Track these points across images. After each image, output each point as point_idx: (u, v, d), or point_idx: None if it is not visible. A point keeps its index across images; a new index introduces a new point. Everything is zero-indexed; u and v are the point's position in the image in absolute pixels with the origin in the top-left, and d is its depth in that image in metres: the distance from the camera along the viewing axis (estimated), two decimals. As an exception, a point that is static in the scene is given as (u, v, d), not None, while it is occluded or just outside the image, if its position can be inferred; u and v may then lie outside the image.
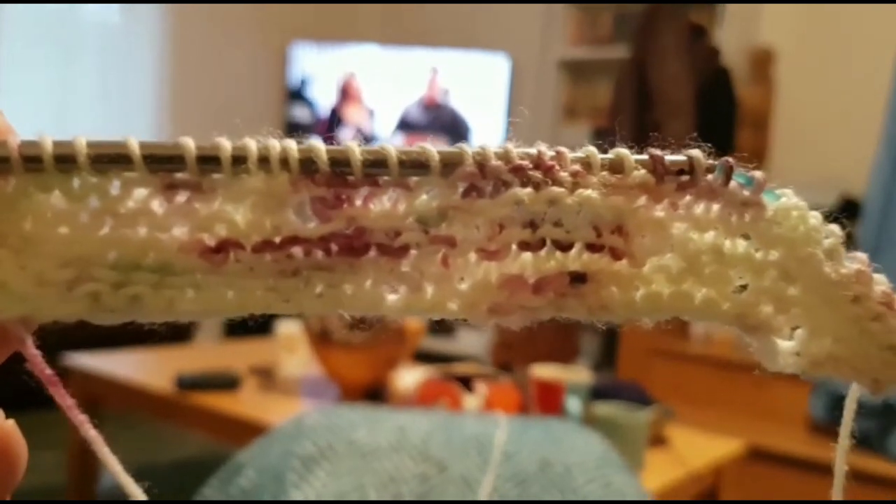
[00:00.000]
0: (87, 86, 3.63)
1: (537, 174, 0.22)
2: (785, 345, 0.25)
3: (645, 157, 0.23)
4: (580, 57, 3.82)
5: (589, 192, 0.23)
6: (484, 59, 4.06)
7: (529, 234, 0.23)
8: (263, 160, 0.21)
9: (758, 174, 0.24)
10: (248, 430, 1.48)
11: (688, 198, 0.24)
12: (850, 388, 0.27)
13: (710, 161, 0.24)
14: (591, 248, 0.23)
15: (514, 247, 0.23)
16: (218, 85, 4.06)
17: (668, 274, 0.24)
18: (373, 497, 0.55)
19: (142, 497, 0.24)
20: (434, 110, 4.12)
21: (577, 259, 0.23)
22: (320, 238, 0.22)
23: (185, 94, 3.90)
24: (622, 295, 0.23)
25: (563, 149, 0.23)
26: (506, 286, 0.23)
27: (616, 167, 0.23)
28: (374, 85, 4.20)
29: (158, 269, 0.21)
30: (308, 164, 0.21)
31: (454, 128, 4.09)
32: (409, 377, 1.86)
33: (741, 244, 0.24)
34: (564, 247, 0.23)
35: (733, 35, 3.30)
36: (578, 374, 1.56)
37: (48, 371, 0.23)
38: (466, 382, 1.56)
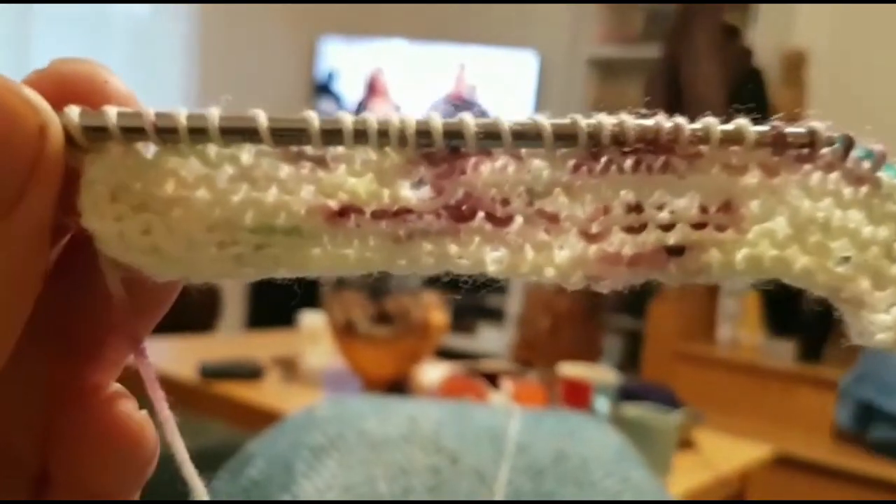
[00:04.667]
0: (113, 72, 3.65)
1: (651, 158, 0.22)
2: (878, 318, 0.24)
3: (765, 128, 0.23)
4: (610, 55, 3.79)
5: (702, 176, 0.23)
6: (512, 55, 4.03)
7: (634, 217, 0.23)
8: (383, 135, 0.22)
9: (879, 148, 0.23)
10: (269, 420, 1.47)
11: (808, 168, 0.23)
12: None
13: (831, 134, 0.23)
14: (695, 226, 0.23)
15: (616, 230, 0.23)
16: (245, 79, 4.07)
17: (773, 238, 0.23)
18: (383, 489, 0.54)
19: (203, 492, 0.24)
20: (461, 107, 4.08)
21: (679, 236, 0.23)
22: (432, 208, 0.23)
23: (213, 89, 3.91)
24: (723, 256, 0.23)
25: (681, 122, 0.22)
26: (603, 261, 0.23)
27: (734, 141, 0.23)
28: (401, 80, 4.19)
29: (290, 232, 0.22)
30: (424, 139, 0.22)
31: (480, 125, 4.07)
32: (432, 372, 1.84)
33: (852, 217, 0.23)
34: (667, 227, 0.23)
35: (767, 36, 3.26)
36: (606, 374, 1.54)
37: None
38: (492, 379, 1.54)
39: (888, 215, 0.23)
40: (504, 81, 4.04)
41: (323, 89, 4.24)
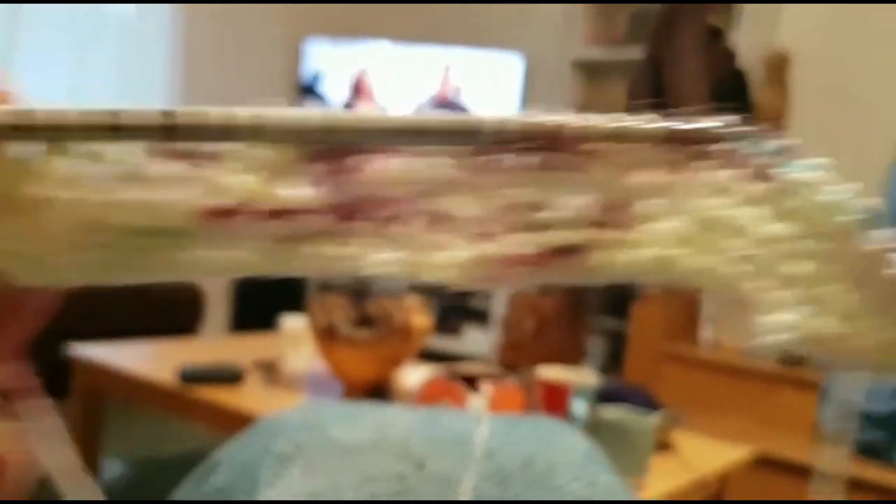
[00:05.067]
0: (101, 80, 3.64)
1: (549, 153, 0.22)
2: (780, 319, 0.23)
3: (660, 125, 0.22)
4: (595, 57, 3.80)
5: (598, 171, 0.22)
6: (497, 57, 4.03)
7: (526, 215, 0.23)
8: (274, 132, 0.21)
9: (780, 143, 0.23)
10: (250, 425, 1.47)
11: (705, 165, 0.23)
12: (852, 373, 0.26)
13: (730, 129, 0.23)
14: (592, 223, 0.23)
15: (511, 229, 0.23)
16: (230, 79, 4.06)
17: (677, 236, 0.23)
18: (349, 496, 0.53)
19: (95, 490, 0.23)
20: (446, 108, 4.10)
21: (575, 234, 0.23)
22: (322, 207, 0.22)
23: (198, 89, 3.90)
24: (604, 258, 0.23)
25: (574, 120, 0.22)
26: (499, 261, 0.23)
27: (632, 137, 0.22)
28: (387, 81, 4.18)
29: (169, 232, 0.21)
30: (316, 135, 0.22)
31: (466, 126, 4.08)
32: (413, 376, 1.84)
33: (752, 214, 0.23)
34: (562, 225, 0.23)
35: (750, 38, 3.28)
36: (585, 377, 1.54)
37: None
38: (472, 382, 1.54)
39: (791, 212, 0.23)
40: (490, 83, 4.04)
41: (308, 90, 4.23)
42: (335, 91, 4.22)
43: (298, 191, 0.22)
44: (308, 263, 0.22)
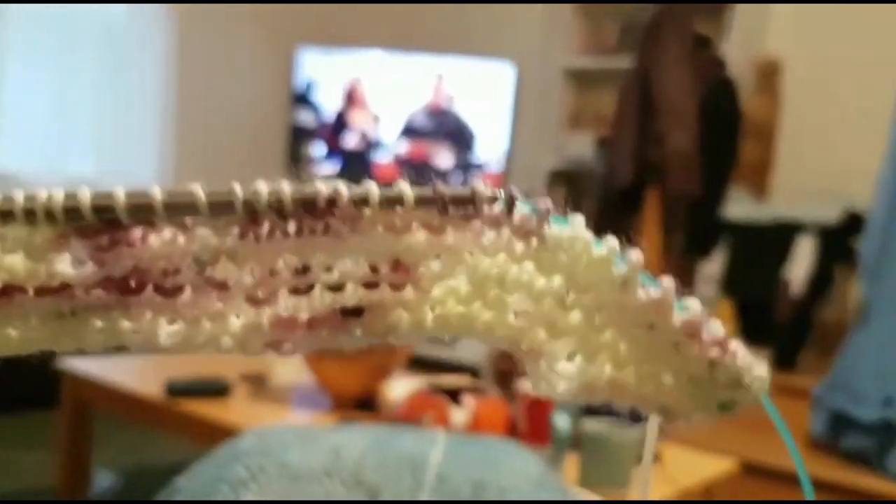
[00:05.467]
0: (91, 88, 3.64)
1: (311, 222, 0.23)
2: (557, 369, 0.24)
3: (427, 190, 0.23)
4: (585, 66, 3.81)
5: (360, 238, 0.23)
6: (489, 66, 4.04)
7: (300, 279, 0.23)
8: (29, 213, 0.21)
9: (542, 204, 0.24)
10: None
11: (476, 225, 0.24)
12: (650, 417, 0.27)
13: (494, 191, 0.24)
14: (367, 285, 0.23)
15: (283, 292, 0.23)
16: (223, 88, 4.06)
17: (458, 296, 0.24)
18: None
19: None
20: (439, 117, 4.11)
21: (352, 296, 0.23)
22: (96, 282, 0.22)
23: (191, 98, 3.90)
24: (410, 316, 0.24)
25: (341, 188, 0.23)
26: (278, 326, 0.23)
27: (396, 202, 0.23)
28: (380, 90, 4.19)
29: None
30: (73, 214, 0.22)
31: (459, 134, 4.08)
32: (399, 388, 1.84)
33: (525, 270, 0.24)
34: (337, 288, 0.23)
35: (739, 45, 3.28)
36: (569, 389, 1.54)
37: None
38: (454, 395, 1.54)
39: (557, 266, 0.24)
40: (482, 91, 4.05)
41: (301, 99, 4.24)
42: (328, 100, 4.22)
43: (72, 267, 0.22)
44: (100, 337, 0.22)
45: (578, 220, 0.24)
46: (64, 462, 1.95)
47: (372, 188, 0.23)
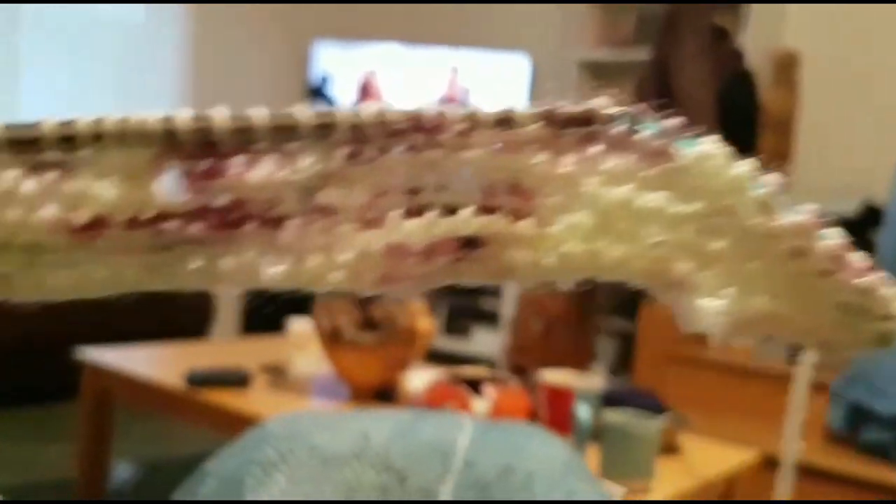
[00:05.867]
0: (108, 83, 3.65)
1: (419, 136, 0.21)
2: (709, 303, 0.22)
3: (537, 109, 0.22)
4: (601, 58, 3.79)
5: (473, 152, 0.21)
6: (504, 58, 4.03)
7: (412, 199, 0.22)
8: (122, 136, 0.20)
9: (670, 122, 0.22)
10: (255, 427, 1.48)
11: (597, 150, 0.22)
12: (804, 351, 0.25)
13: (614, 110, 0.22)
14: (484, 210, 0.22)
15: (395, 214, 0.22)
16: (238, 82, 4.07)
17: (581, 232, 0.22)
18: None
19: None
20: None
21: (468, 222, 0.22)
22: (194, 212, 0.21)
23: (206, 92, 3.91)
24: (529, 256, 0.22)
25: (447, 108, 0.21)
26: (392, 255, 0.22)
27: (505, 122, 0.22)
28: (395, 83, 4.19)
29: (28, 249, 0.20)
30: (170, 136, 0.20)
31: (474, 127, 4.08)
32: (418, 379, 1.85)
33: (657, 197, 0.22)
34: (452, 211, 0.22)
35: (757, 38, 3.26)
36: (589, 381, 1.54)
37: None
38: (476, 386, 1.55)
39: (693, 189, 0.22)
40: (497, 84, 4.04)
41: (316, 93, 4.24)
42: (343, 93, 4.23)
43: (169, 193, 0.21)
44: (196, 276, 0.21)
45: (711, 139, 0.22)
46: (84, 454, 1.97)
47: (478, 109, 0.22)
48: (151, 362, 2.06)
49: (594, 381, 1.54)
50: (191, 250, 0.21)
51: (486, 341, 3.88)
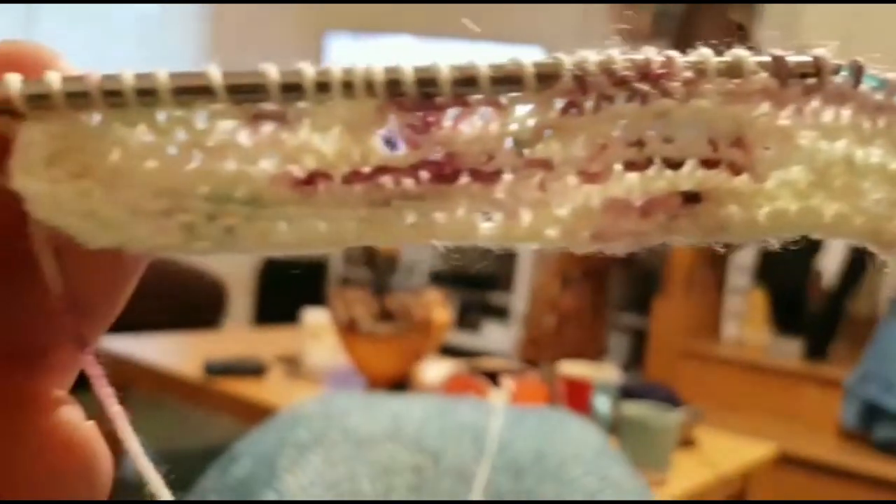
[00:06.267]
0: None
1: (644, 86, 0.20)
2: None
3: (766, 58, 0.21)
4: (616, 53, 3.79)
5: (703, 101, 0.20)
6: (519, 53, 4.01)
7: (636, 152, 0.21)
8: (347, 85, 0.20)
9: (892, 75, 0.22)
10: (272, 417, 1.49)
11: (815, 103, 0.21)
12: None
13: (837, 61, 0.21)
14: (706, 163, 0.21)
15: (618, 167, 0.21)
16: (253, 73, 4.08)
17: (795, 188, 0.21)
18: (366, 487, 0.54)
19: (160, 483, 0.22)
20: (467, 104, 4.10)
21: (690, 176, 0.21)
22: (410, 166, 0.20)
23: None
24: (743, 213, 0.21)
25: (673, 53, 0.20)
26: (610, 210, 0.21)
27: (734, 71, 0.20)
28: (408, 77, 4.19)
29: (250, 202, 0.20)
30: (394, 87, 0.20)
31: (487, 122, 4.08)
32: (434, 370, 1.85)
33: (875, 153, 0.21)
34: (675, 164, 0.21)
35: (773, 35, 3.25)
36: (607, 373, 1.54)
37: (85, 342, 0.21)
38: (493, 377, 1.55)
39: None
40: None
41: (330, 86, 4.25)
42: (356, 86, 4.22)
43: (383, 151, 0.20)
44: (412, 231, 0.20)
45: None
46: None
47: (707, 56, 0.20)
48: (168, 352, 2.07)
49: (612, 373, 1.55)
50: (407, 205, 0.20)
51: (496, 336, 3.88)
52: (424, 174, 0.20)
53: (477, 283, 3.92)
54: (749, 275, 3.09)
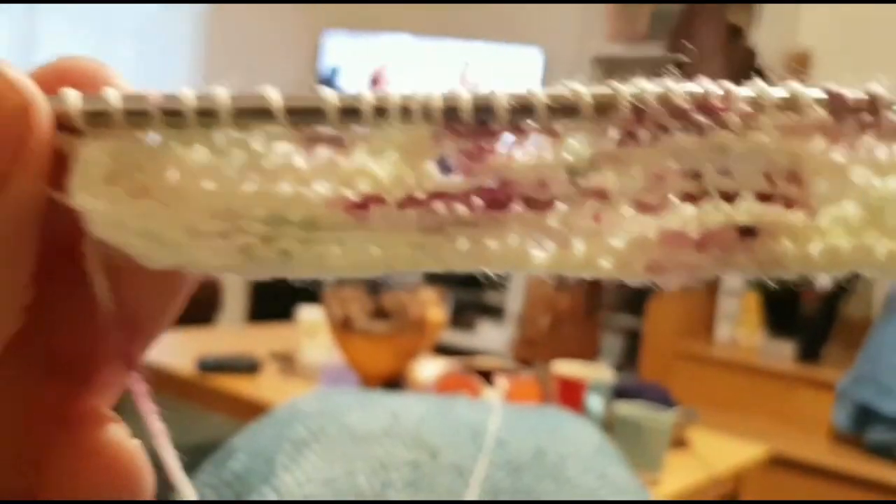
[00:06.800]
0: (121, 72, 3.66)
1: (702, 118, 0.20)
2: None
3: (822, 93, 0.21)
4: (616, 54, 3.79)
5: (761, 135, 0.20)
6: (517, 52, 4.03)
7: (692, 184, 0.21)
8: (405, 111, 0.20)
9: None
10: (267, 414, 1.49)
11: (869, 138, 0.21)
12: None
13: (893, 97, 0.21)
14: (762, 197, 0.21)
15: (674, 198, 0.21)
16: (250, 73, 4.05)
17: (848, 225, 0.21)
18: (362, 482, 0.54)
19: (193, 495, 0.23)
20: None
21: (747, 210, 0.21)
22: (464, 192, 0.20)
23: (216, 82, 3.90)
24: (797, 248, 0.21)
25: (731, 86, 0.20)
26: (666, 242, 0.21)
27: (791, 106, 0.21)
28: (406, 75, 4.19)
29: (305, 225, 0.20)
30: (451, 114, 0.20)
31: (484, 121, 4.08)
32: (428, 369, 1.85)
33: None
34: (731, 197, 0.21)
35: (771, 36, 3.26)
36: (601, 373, 1.54)
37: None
38: (487, 376, 1.55)
39: None
40: (509, 78, 4.04)
41: (327, 84, 4.24)
42: (354, 85, 4.22)
43: (437, 176, 0.20)
44: (464, 259, 0.20)
45: None
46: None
47: (764, 90, 0.20)
48: (162, 348, 2.06)
49: (605, 373, 1.55)
50: (460, 231, 0.20)
51: (491, 336, 3.88)
52: (478, 201, 0.20)
53: (472, 282, 3.92)
54: (744, 277, 3.10)
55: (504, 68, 4.04)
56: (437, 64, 4.13)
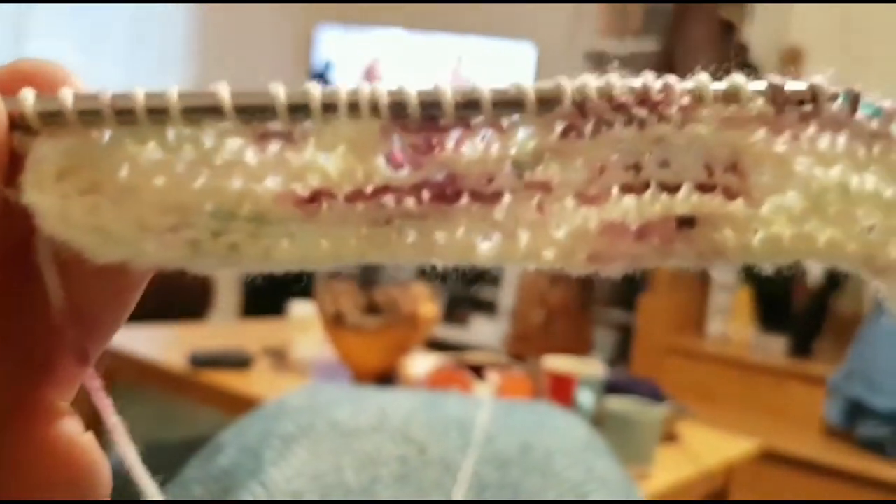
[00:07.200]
0: (112, 64, 3.64)
1: (642, 111, 0.21)
2: None
3: (762, 85, 0.21)
4: (607, 49, 3.79)
5: (700, 127, 0.21)
6: (509, 47, 4.03)
7: (633, 176, 0.21)
8: (353, 106, 0.20)
9: (888, 104, 0.22)
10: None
11: (811, 130, 0.21)
12: None
13: (834, 89, 0.21)
14: (702, 188, 0.21)
15: (615, 190, 0.21)
16: (242, 67, 4.06)
17: (790, 214, 0.21)
18: (350, 477, 0.54)
19: (150, 483, 0.23)
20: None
21: (685, 201, 0.21)
22: (412, 186, 0.21)
23: (211, 78, 3.89)
24: (738, 238, 0.21)
25: (671, 80, 0.21)
26: (606, 233, 0.21)
27: (731, 98, 0.21)
28: (398, 70, 4.18)
29: (254, 219, 0.20)
30: (398, 109, 0.20)
31: (477, 116, 4.08)
32: (420, 364, 1.85)
33: (869, 180, 0.22)
34: (671, 188, 0.21)
35: (763, 33, 3.26)
36: (592, 368, 1.55)
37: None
38: (479, 371, 1.55)
39: None
40: (501, 73, 4.04)
41: (319, 78, 4.24)
42: (347, 79, 4.22)
43: (385, 171, 0.21)
44: (412, 251, 0.21)
45: None
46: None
47: (703, 83, 0.21)
48: (153, 343, 2.06)
49: (596, 368, 1.55)
50: (408, 224, 0.21)
51: (484, 330, 3.88)
52: (426, 194, 0.21)
53: (465, 277, 3.92)
54: (735, 272, 3.11)
55: (497, 63, 4.04)
56: (430, 58, 4.12)
